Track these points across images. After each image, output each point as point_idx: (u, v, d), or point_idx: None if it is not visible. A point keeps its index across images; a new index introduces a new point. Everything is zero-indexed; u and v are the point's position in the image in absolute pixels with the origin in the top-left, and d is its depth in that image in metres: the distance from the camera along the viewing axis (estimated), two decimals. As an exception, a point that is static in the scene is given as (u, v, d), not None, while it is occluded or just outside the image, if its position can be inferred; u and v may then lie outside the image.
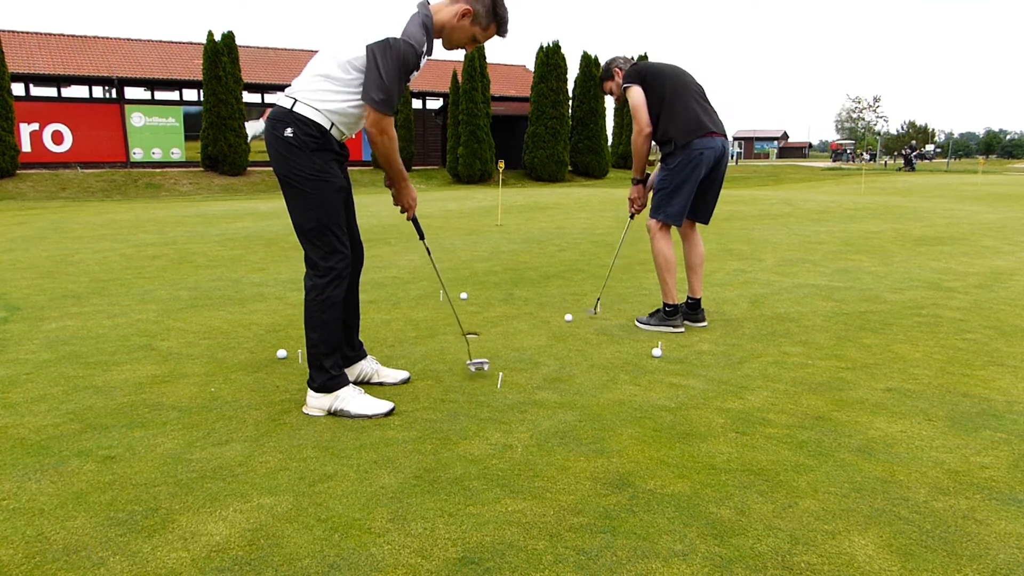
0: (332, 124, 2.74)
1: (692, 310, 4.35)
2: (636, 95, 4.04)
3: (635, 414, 2.85)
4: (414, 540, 1.93)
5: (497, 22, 2.87)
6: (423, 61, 2.74)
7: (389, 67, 2.62)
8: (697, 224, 4.39)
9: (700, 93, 4.15)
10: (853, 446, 2.53)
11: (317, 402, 2.87)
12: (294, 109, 2.70)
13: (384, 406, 2.87)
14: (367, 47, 2.63)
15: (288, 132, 2.70)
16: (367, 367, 3.25)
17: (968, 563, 1.81)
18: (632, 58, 4.31)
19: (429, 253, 3.48)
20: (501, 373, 3.34)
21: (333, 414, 2.86)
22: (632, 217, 4.51)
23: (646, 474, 2.31)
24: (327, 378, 2.86)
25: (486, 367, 3.35)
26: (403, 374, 3.31)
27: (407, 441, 2.59)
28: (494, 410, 2.91)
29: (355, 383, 3.10)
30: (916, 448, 2.52)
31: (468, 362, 3.39)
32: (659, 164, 4.22)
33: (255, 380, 3.32)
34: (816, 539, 1.92)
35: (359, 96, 2.71)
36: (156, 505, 2.12)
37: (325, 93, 2.71)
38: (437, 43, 2.88)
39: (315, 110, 2.70)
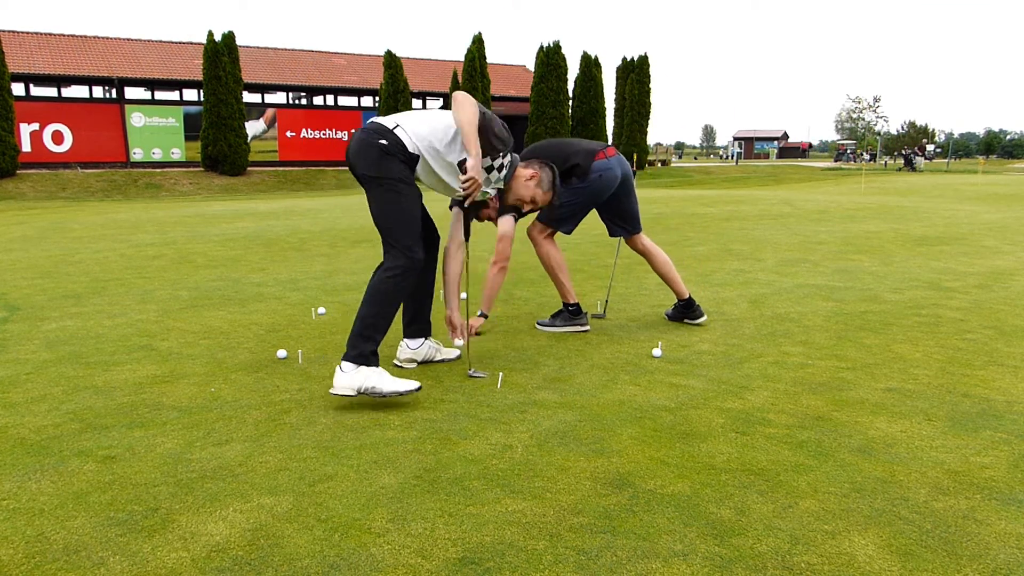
0: (418, 158, 3.05)
1: (687, 309, 4.35)
2: (506, 225, 3.93)
3: (635, 414, 2.85)
4: (414, 540, 1.93)
5: (554, 192, 3.51)
6: (493, 188, 3.34)
7: (479, 112, 3.04)
8: (644, 234, 4.34)
9: (568, 139, 4.22)
10: (853, 446, 2.53)
11: (347, 380, 2.91)
12: (394, 131, 3.02)
13: (412, 384, 2.97)
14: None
15: (383, 141, 2.99)
16: (431, 347, 3.59)
17: (968, 563, 1.81)
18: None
19: (466, 264, 3.63)
20: (501, 373, 3.34)
21: (363, 393, 2.90)
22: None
23: (646, 474, 2.31)
24: (372, 351, 2.97)
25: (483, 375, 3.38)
26: (455, 351, 3.68)
27: (407, 441, 2.59)
28: (494, 410, 2.91)
29: (420, 362, 3.57)
30: (916, 448, 2.52)
31: (470, 371, 3.41)
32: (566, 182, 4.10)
33: (255, 380, 3.32)
34: (816, 539, 1.93)
35: (442, 155, 3.08)
36: (156, 505, 2.12)
37: (422, 135, 3.04)
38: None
39: (411, 140, 3.02)
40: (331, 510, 2.09)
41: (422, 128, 3.06)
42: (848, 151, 60.38)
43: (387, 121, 3.07)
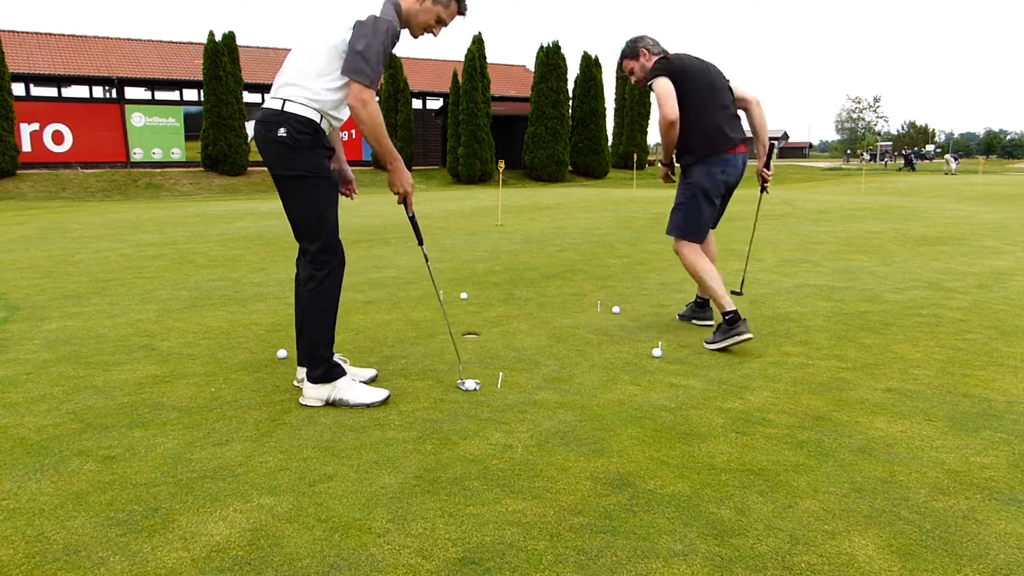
0: (321, 116, 2.78)
1: (701, 309, 4.36)
2: (663, 84, 3.80)
3: (635, 414, 2.85)
4: (414, 540, 1.93)
5: (459, 1, 2.94)
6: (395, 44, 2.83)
7: (372, 40, 2.67)
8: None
9: (725, 98, 3.99)
10: (853, 446, 2.53)
11: (315, 392, 2.93)
12: (285, 109, 2.75)
13: (380, 394, 2.96)
14: (355, 22, 2.68)
15: (282, 132, 2.75)
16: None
17: (968, 563, 1.81)
18: (658, 43, 4.06)
19: (427, 261, 3.39)
20: (501, 373, 3.34)
21: (331, 404, 2.92)
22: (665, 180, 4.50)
23: (646, 474, 2.31)
24: (327, 368, 2.94)
25: (477, 387, 3.16)
26: (370, 371, 3.32)
27: (407, 441, 2.59)
28: (494, 410, 2.91)
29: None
30: (916, 448, 2.52)
31: (459, 381, 3.19)
32: (679, 178, 4.14)
33: (255, 380, 3.32)
34: (816, 539, 1.93)
35: (341, 78, 2.73)
36: (156, 505, 2.12)
37: (309, 85, 2.74)
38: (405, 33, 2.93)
39: (304, 106, 2.75)
40: (331, 510, 2.09)
41: (310, 84, 2.75)
42: (889, 152, 60.29)
43: (274, 102, 2.78)
